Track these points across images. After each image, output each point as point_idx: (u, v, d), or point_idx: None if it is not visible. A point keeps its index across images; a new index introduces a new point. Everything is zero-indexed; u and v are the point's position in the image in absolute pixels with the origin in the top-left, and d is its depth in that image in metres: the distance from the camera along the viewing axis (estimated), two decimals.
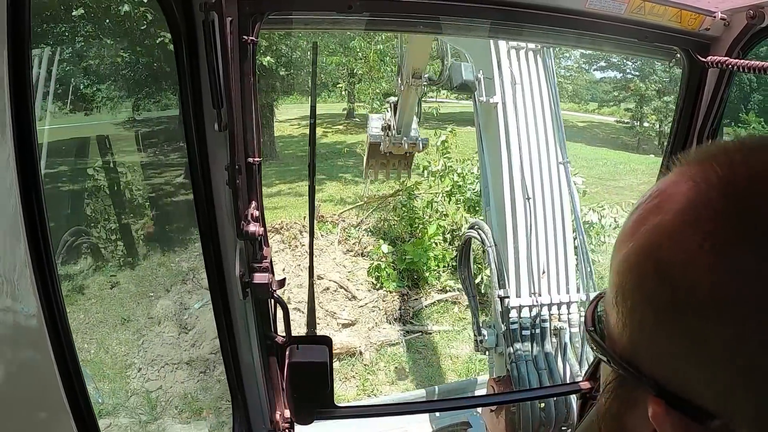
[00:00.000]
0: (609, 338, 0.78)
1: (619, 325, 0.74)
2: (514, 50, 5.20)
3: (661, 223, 0.69)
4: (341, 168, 22.31)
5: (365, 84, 17.69)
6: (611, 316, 0.77)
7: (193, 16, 1.85)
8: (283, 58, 21.30)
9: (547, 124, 5.19)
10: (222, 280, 2.29)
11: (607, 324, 0.79)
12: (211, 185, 2.13)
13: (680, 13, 2.25)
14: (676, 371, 0.67)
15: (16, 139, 1.05)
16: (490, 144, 5.36)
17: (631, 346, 0.73)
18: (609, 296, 0.77)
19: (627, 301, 0.72)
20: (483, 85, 5.23)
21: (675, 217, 0.68)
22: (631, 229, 0.74)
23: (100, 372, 8.00)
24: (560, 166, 5.19)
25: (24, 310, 1.15)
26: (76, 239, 8.20)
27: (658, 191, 0.74)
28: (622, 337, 0.74)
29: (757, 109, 26.59)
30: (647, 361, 0.70)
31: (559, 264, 5.10)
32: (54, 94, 6.34)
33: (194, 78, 1.94)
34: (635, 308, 0.71)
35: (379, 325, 11.35)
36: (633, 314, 0.72)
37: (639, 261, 0.71)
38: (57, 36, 12.10)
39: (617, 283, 0.74)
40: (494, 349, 5.18)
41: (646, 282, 0.69)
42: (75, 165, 10.20)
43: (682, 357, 0.66)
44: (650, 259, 0.69)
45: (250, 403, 2.60)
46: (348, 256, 13.50)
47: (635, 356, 0.72)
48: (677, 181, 0.72)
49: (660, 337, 0.68)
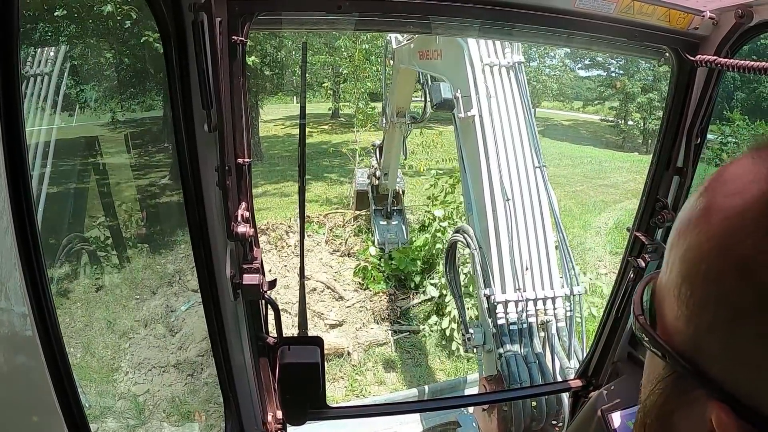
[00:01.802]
0: (663, 329, 0.72)
1: (682, 318, 0.67)
2: (488, 67, 5.56)
3: (741, 213, 0.62)
4: (327, 168, 22.29)
5: (350, 83, 17.65)
6: (669, 307, 0.70)
7: (183, 16, 1.83)
8: (267, 57, 21.25)
9: (522, 132, 5.49)
10: (212, 281, 2.28)
11: (662, 313, 0.72)
12: (201, 186, 2.12)
13: (669, 13, 2.26)
14: (750, 379, 0.61)
15: (5, 140, 1.04)
16: (469, 154, 5.59)
17: (695, 343, 0.66)
18: (669, 284, 0.70)
19: (696, 295, 0.65)
20: (461, 103, 5.51)
21: (759, 208, 0.61)
22: (702, 214, 0.67)
23: (95, 375, 7.93)
24: (537, 170, 5.44)
25: (14, 312, 1.14)
26: (68, 242, 8.13)
27: (731, 174, 0.67)
28: (684, 331, 0.67)
29: (740, 107, 26.96)
30: (714, 363, 0.64)
31: (541, 260, 5.28)
32: (44, 95, 6.27)
33: (183, 79, 1.93)
34: (706, 305, 0.64)
35: (367, 326, 11.34)
36: (703, 311, 0.64)
37: (715, 254, 0.63)
38: (47, 36, 12.02)
39: (683, 273, 0.67)
40: (482, 346, 5.23)
41: (724, 278, 0.62)
42: (65, 166, 10.10)
43: (759, 364, 0.60)
44: (731, 254, 0.61)
45: (241, 404, 2.59)
46: (335, 257, 13.48)
47: (698, 354, 0.66)
48: (755, 165, 0.65)
49: (735, 340, 0.61)
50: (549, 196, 5.42)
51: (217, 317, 2.35)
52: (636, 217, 2.91)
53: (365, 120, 16.93)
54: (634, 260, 2.87)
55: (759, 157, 0.65)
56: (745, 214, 0.61)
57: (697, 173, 2.65)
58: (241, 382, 2.55)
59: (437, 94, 6.08)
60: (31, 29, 11.37)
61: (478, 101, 5.42)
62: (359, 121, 17.20)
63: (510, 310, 5.10)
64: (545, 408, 4.73)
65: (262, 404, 2.67)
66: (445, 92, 5.98)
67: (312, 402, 2.63)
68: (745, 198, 0.62)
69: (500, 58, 5.58)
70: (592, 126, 37.59)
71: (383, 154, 10.96)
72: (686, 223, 0.69)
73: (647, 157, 12.86)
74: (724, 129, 22.35)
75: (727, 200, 0.64)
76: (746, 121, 23.85)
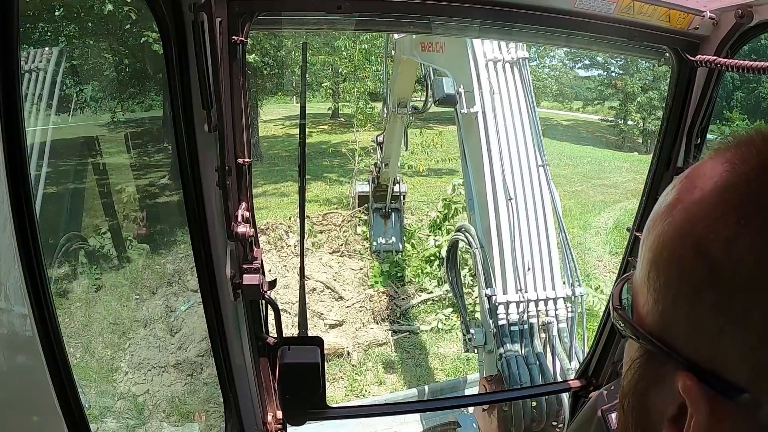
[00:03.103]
0: (637, 317, 0.79)
1: (650, 301, 0.75)
2: (491, 63, 5.47)
3: (699, 201, 0.71)
4: (326, 168, 22.26)
5: (350, 83, 17.64)
6: (640, 295, 0.78)
7: (183, 17, 1.84)
8: (267, 57, 21.21)
9: (526, 129, 5.42)
10: (212, 281, 2.28)
11: (636, 303, 0.80)
12: (201, 186, 2.12)
13: (669, 13, 2.26)
14: (709, 346, 0.67)
15: (5, 140, 1.04)
16: (471, 151, 5.54)
17: (663, 322, 0.73)
18: (639, 275, 0.79)
19: (661, 277, 0.73)
20: (464, 99, 5.42)
21: (713, 196, 0.69)
22: (667, 208, 0.75)
23: (95, 375, 7.93)
24: (540, 169, 5.37)
25: (14, 312, 1.14)
26: (68, 242, 8.12)
27: (694, 174, 0.75)
28: (653, 313, 0.75)
29: (740, 107, 26.96)
30: (679, 337, 0.71)
31: (543, 261, 5.24)
32: (44, 95, 6.26)
33: (183, 79, 1.93)
34: (670, 283, 0.72)
35: (367, 326, 11.34)
36: (667, 289, 0.72)
37: (676, 238, 0.71)
38: (47, 36, 12.02)
39: (650, 260, 0.75)
40: (483, 347, 5.23)
41: (683, 258, 0.70)
42: (64, 166, 10.11)
43: (716, 332, 0.66)
44: (688, 236, 0.70)
45: (241, 404, 2.59)
46: (334, 257, 13.47)
47: (666, 332, 0.73)
48: (714, 164, 0.73)
49: (695, 312, 0.68)
50: (552, 195, 5.38)
51: (217, 317, 2.35)
52: (636, 217, 2.92)
53: (365, 120, 16.90)
54: (634, 260, 2.87)
55: (717, 156, 0.73)
56: (702, 204, 0.70)
57: None
58: (241, 382, 2.55)
59: (440, 89, 5.88)
60: (31, 29, 11.36)
61: (481, 97, 5.35)
62: (359, 121, 17.17)
63: (511, 311, 5.07)
64: (545, 408, 4.72)
65: (262, 404, 2.67)
66: (448, 87, 5.81)
67: (312, 402, 2.63)
68: (703, 190, 0.71)
69: (504, 54, 5.52)
70: (592, 126, 37.53)
71: (384, 144, 10.94)
72: (654, 218, 0.78)
73: (647, 157, 12.84)
74: (724, 129, 22.36)
75: (688, 194, 0.73)
76: (746, 121, 23.85)
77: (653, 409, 0.77)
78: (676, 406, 0.71)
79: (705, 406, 0.67)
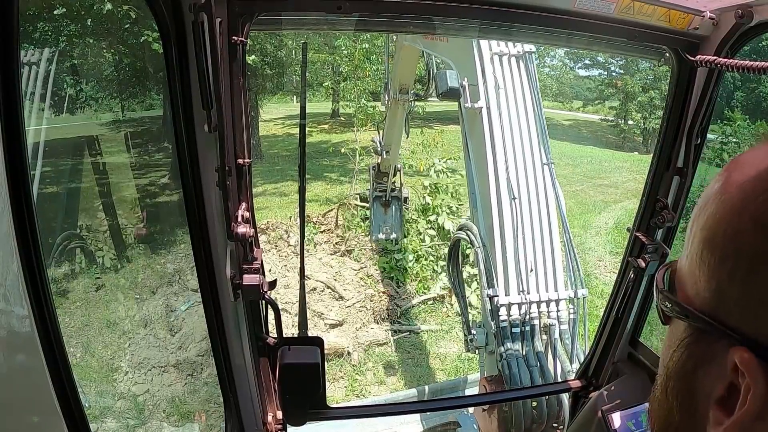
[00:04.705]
0: (684, 298, 0.79)
1: (701, 280, 0.75)
2: (497, 56, 5.32)
3: (755, 178, 0.71)
4: (326, 167, 22.25)
5: (350, 83, 17.64)
6: (689, 276, 0.78)
7: (183, 17, 1.83)
8: (267, 56, 21.21)
9: (531, 126, 5.29)
10: (213, 281, 2.28)
11: (682, 286, 0.80)
12: (201, 187, 2.12)
13: (669, 13, 2.26)
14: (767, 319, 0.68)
15: (5, 140, 1.04)
16: (475, 148, 5.43)
17: (716, 299, 0.73)
18: (688, 257, 0.79)
19: (716, 254, 0.73)
20: (468, 92, 5.30)
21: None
22: (721, 187, 0.76)
23: (95, 375, 7.93)
24: (545, 167, 5.27)
25: (14, 312, 1.14)
26: (68, 242, 8.12)
27: (744, 157, 0.77)
28: (704, 291, 0.75)
29: (741, 107, 26.92)
30: (734, 312, 0.71)
31: (546, 262, 5.17)
32: (44, 94, 6.26)
33: (184, 79, 1.93)
34: (726, 260, 0.72)
35: (367, 325, 11.35)
36: (722, 266, 0.72)
37: (734, 213, 0.72)
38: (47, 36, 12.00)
39: (703, 239, 0.76)
40: (484, 347, 5.21)
41: (739, 233, 0.70)
42: (64, 166, 10.10)
43: None
44: (746, 210, 0.70)
45: (241, 404, 2.59)
46: (335, 257, 13.47)
47: (719, 308, 0.73)
48: (765, 149, 0.75)
49: (753, 286, 0.68)
50: (557, 195, 5.30)
51: (217, 317, 2.35)
52: (636, 217, 2.91)
53: (365, 119, 16.90)
54: (634, 260, 2.87)
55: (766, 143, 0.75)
56: (758, 180, 0.71)
57: (697, 173, 2.65)
58: (241, 382, 2.55)
59: (443, 82, 5.82)
60: (31, 29, 11.36)
61: (485, 92, 5.22)
62: (359, 121, 17.17)
63: (513, 313, 5.03)
64: (545, 409, 4.70)
65: (262, 404, 2.67)
66: (452, 80, 5.75)
67: (312, 402, 2.64)
68: (759, 169, 0.72)
69: (510, 47, 5.37)
70: (592, 126, 37.51)
71: (385, 131, 10.86)
72: (705, 199, 0.78)
73: (647, 157, 12.83)
74: (724, 129, 22.31)
75: (742, 174, 0.74)
76: (747, 121, 23.81)
77: (700, 391, 0.76)
78: (725, 386, 0.71)
79: (764, 378, 0.66)
